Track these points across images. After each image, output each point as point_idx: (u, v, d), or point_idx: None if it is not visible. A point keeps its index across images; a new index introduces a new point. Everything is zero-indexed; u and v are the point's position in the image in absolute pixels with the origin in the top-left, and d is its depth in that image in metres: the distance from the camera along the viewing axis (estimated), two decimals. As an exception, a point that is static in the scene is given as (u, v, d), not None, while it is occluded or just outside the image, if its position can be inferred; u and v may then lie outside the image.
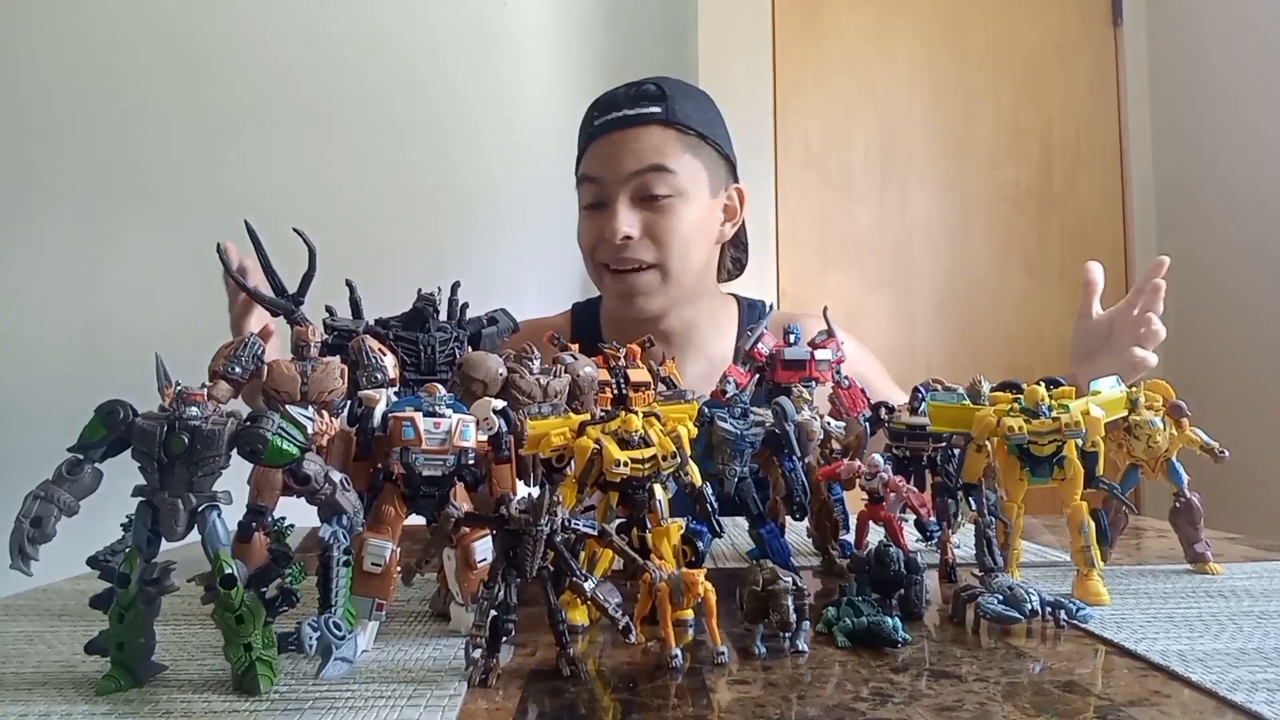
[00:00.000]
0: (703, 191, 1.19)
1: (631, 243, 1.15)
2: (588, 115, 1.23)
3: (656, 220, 1.15)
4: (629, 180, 1.14)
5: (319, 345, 0.61)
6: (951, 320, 2.34)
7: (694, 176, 1.17)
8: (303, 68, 2.31)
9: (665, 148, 1.15)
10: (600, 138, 1.18)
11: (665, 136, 1.16)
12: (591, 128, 1.20)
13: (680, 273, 1.18)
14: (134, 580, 0.47)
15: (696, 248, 1.19)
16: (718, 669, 0.49)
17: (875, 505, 0.72)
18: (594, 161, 1.18)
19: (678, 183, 1.15)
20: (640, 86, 1.19)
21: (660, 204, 1.15)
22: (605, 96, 1.21)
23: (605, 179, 1.16)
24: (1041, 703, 0.43)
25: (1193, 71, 2.24)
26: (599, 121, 1.18)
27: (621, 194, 1.15)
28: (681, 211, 1.16)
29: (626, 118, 1.16)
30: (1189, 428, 0.74)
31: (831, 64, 2.33)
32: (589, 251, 1.22)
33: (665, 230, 1.15)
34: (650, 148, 1.15)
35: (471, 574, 0.56)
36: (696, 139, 1.18)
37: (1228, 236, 2.13)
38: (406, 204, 2.32)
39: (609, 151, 1.16)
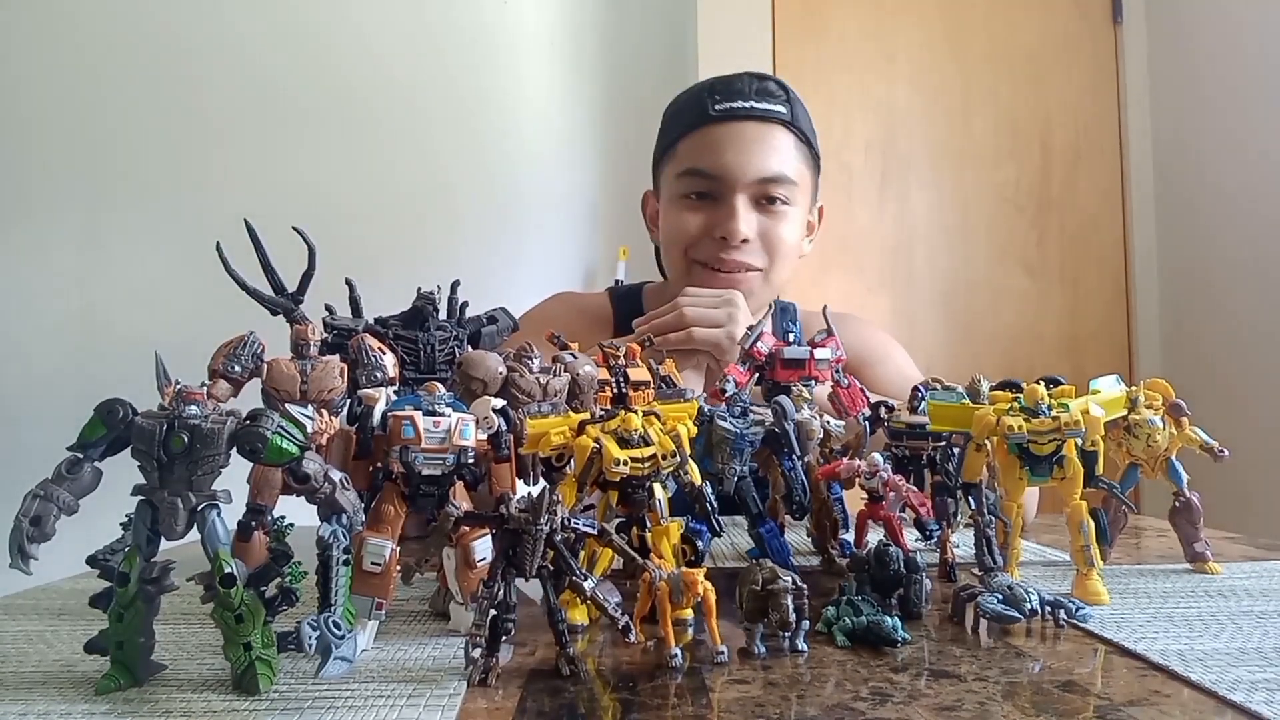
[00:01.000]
0: (806, 203, 1.17)
1: (747, 245, 1.11)
2: (699, 96, 1.14)
3: (771, 226, 1.12)
4: (755, 183, 1.10)
5: (318, 344, 0.61)
6: (951, 320, 2.34)
7: (804, 186, 1.15)
8: (302, 69, 2.31)
9: (788, 153, 1.12)
10: (720, 124, 1.11)
11: (790, 142, 1.13)
12: (711, 111, 1.11)
13: (778, 280, 1.15)
14: (133, 579, 0.47)
15: (792, 259, 1.17)
16: (717, 668, 0.49)
17: (875, 504, 0.72)
18: (712, 152, 1.11)
19: (795, 192, 1.13)
20: (762, 81, 1.13)
21: (776, 210, 1.12)
22: (721, 81, 1.14)
23: (727, 175, 1.10)
24: (1041, 702, 0.43)
25: (1193, 71, 2.24)
26: (720, 107, 1.11)
27: (744, 193, 1.10)
28: (792, 220, 1.13)
29: (753, 110, 1.11)
30: (1188, 427, 0.74)
31: (831, 64, 2.33)
32: (684, 244, 1.14)
33: (778, 238, 1.12)
34: (777, 150, 1.11)
35: (471, 573, 0.56)
36: (808, 149, 1.16)
37: (1227, 236, 2.13)
38: (406, 203, 2.33)
39: (730, 145, 1.10)
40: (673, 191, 1.16)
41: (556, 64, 2.42)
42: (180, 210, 2.22)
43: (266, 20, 2.31)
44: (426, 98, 2.35)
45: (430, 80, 2.36)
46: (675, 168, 1.16)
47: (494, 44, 2.39)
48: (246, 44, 2.29)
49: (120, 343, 1.99)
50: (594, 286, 2.36)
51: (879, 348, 1.22)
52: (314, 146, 2.30)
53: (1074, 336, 2.35)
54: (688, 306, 1.00)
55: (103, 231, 2.25)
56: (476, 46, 2.38)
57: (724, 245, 1.11)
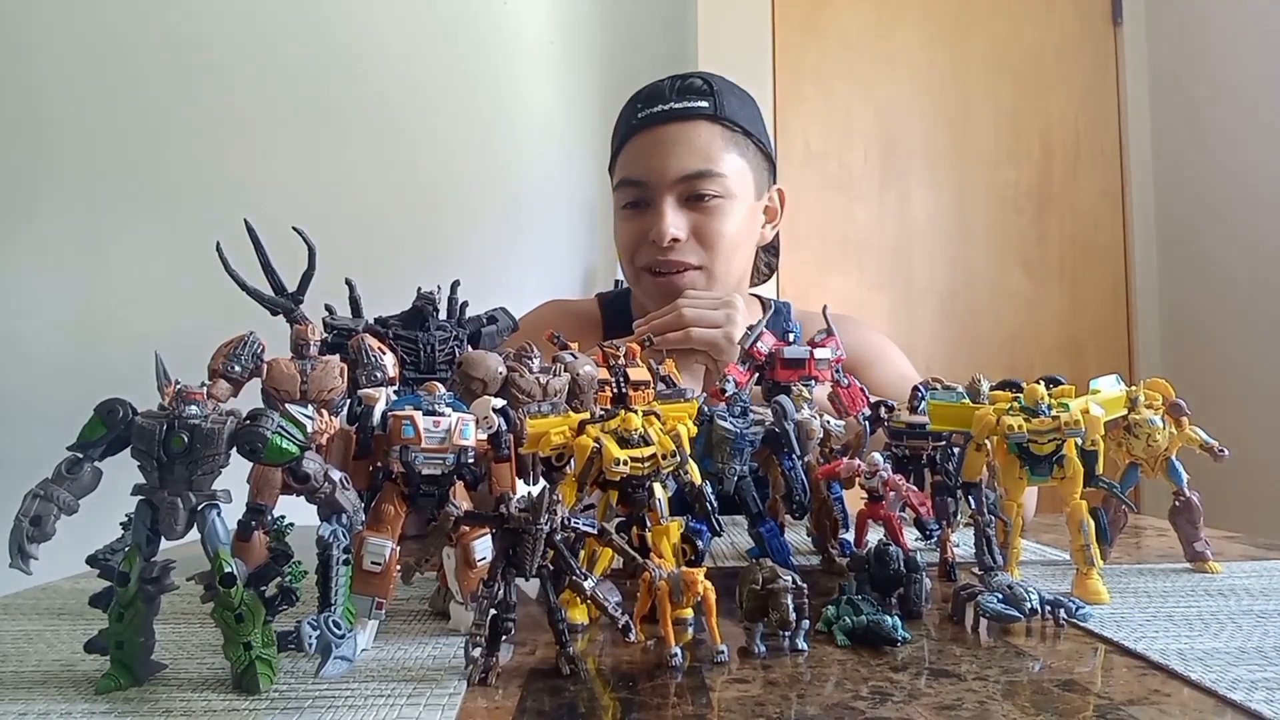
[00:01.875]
0: (748, 192, 1.16)
1: (678, 245, 1.11)
2: (628, 108, 1.17)
3: (704, 222, 1.11)
4: (677, 182, 1.10)
5: (318, 344, 0.61)
6: (951, 320, 2.34)
7: (740, 177, 1.14)
8: (303, 68, 2.31)
9: (713, 147, 1.11)
10: (644, 132, 1.12)
11: (713, 134, 1.12)
12: (634, 120, 1.13)
13: (725, 275, 1.14)
14: (133, 579, 0.47)
15: (741, 250, 1.16)
16: (717, 667, 0.49)
17: (875, 504, 0.72)
18: (638, 160, 1.13)
19: (725, 184, 1.11)
20: (685, 80, 1.14)
21: (708, 205, 1.11)
22: (647, 89, 1.16)
23: (650, 180, 1.11)
24: (1041, 701, 0.43)
25: (1193, 71, 2.24)
26: (643, 114, 1.13)
27: (668, 195, 1.10)
28: (728, 213, 1.12)
29: (673, 111, 1.11)
30: (1188, 426, 0.74)
31: (831, 64, 2.33)
32: (629, 254, 1.17)
33: (712, 232, 1.11)
34: (699, 148, 1.11)
35: (471, 573, 0.56)
36: (743, 137, 1.15)
37: (1227, 235, 2.13)
38: (406, 203, 2.33)
39: (654, 149, 1.11)
40: (616, 204, 1.19)
41: (556, 64, 2.42)
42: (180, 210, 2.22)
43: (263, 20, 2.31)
44: (425, 98, 2.35)
45: (429, 81, 2.36)
46: (615, 181, 1.19)
47: (493, 44, 2.39)
48: (243, 44, 2.30)
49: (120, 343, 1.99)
50: (593, 287, 2.36)
51: (876, 349, 1.22)
52: (312, 147, 2.30)
53: (1074, 336, 2.35)
54: (686, 307, 1.00)
55: (103, 231, 2.25)
56: (476, 47, 2.38)
57: (658, 248, 1.11)
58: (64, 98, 2.25)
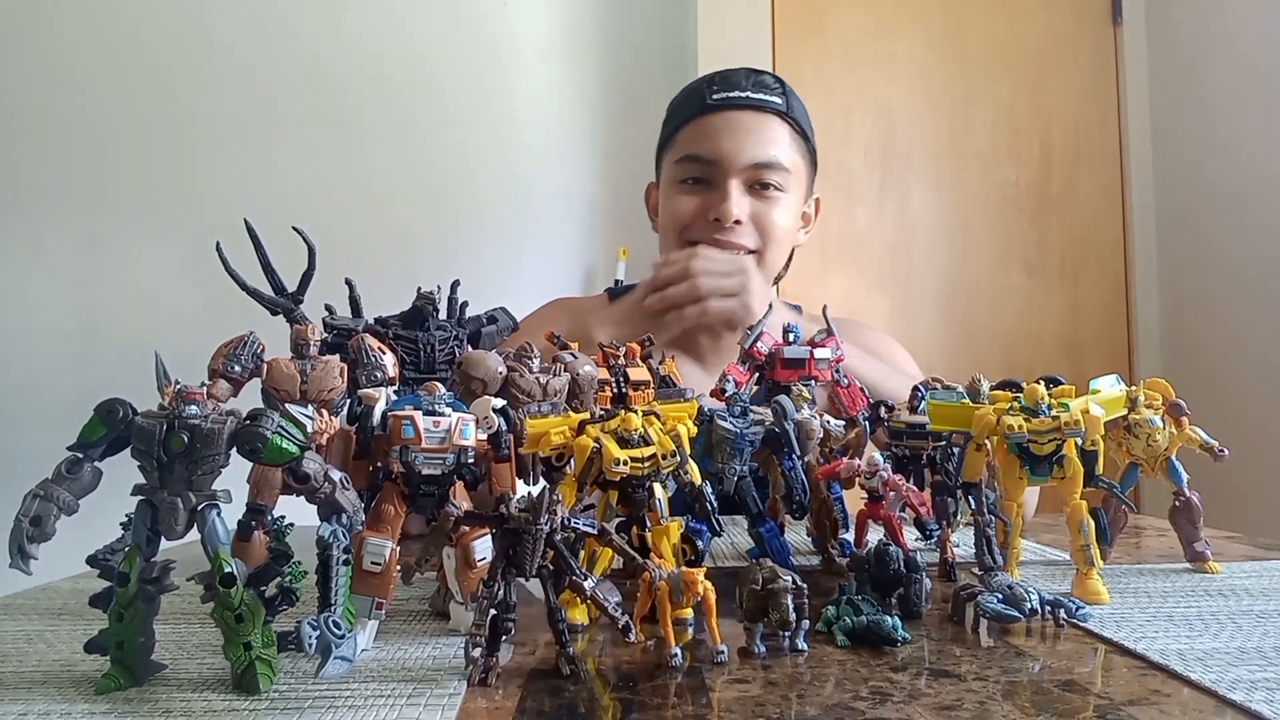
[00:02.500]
0: (800, 192, 1.20)
1: (739, 227, 1.13)
2: (699, 88, 1.19)
3: (764, 210, 1.14)
4: (748, 168, 1.13)
5: (318, 344, 0.61)
6: (951, 320, 2.34)
7: (798, 176, 1.18)
8: (303, 70, 2.31)
9: (782, 142, 1.15)
10: (714, 114, 1.15)
11: (783, 130, 1.16)
12: (709, 100, 1.16)
13: (772, 265, 1.18)
14: (133, 579, 0.47)
15: (786, 245, 1.20)
16: (717, 668, 0.49)
17: (875, 504, 0.72)
18: (708, 139, 1.15)
19: (788, 179, 1.16)
20: (759, 74, 1.18)
21: (769, 195, 1.15)
22: (720, 74, 1.19)
23: (722, 160, 1.13)
24: (1041, 702, 0.43)
25: (1192, 71, 2.24)
26: (718, 96, 1.15)
27: (737, 178, 1.13)
28: (785, 206, 1.16)
29: (750, 100, 1.14)
30: (1188, 426, 0.74)
31: (831, 64, 2.33)
32: (680, 227, 1.17)
33: (771, 222, 1.15)
34: (771, 138, 1.14)
35: (471, 573, 0.56)
36: (803, 140, 1.19)
37: (1227, 235, 2.13)
38: (406, 203, 2.33)
39: (726, 132, 1.14)
40: (670, 177, 1.20)
41: (556, 64, 2.42)
42: (180, 210, 2.22)
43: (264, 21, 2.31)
44: (426, 98, 2.35)
45: (429, 81, 2.36)
46: (674, 155, 1.20)
47: (493, 44, 2.39)
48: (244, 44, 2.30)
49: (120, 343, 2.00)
50: (594, 286, 2.36)
51: (883, 349, 1.23)
52: (313, 147, 2.30)
53: (1074, 336, 2.35)
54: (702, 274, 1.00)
55: (102, 232, 2.25)
56: (476, 47, 2.38)
57: (718, 227, 1.13)
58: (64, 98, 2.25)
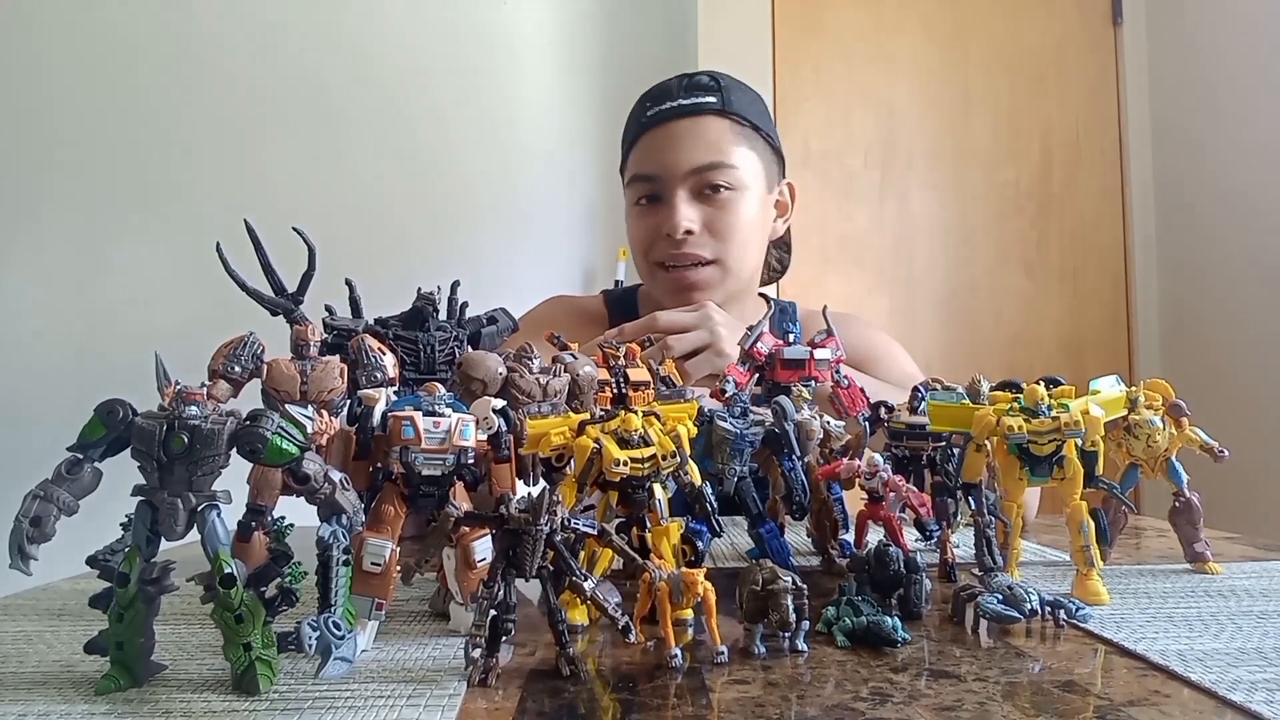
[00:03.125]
0: (759, 186, 1.17)
1: (691, 238, 1.11)
2: (637, 108, 1.19)
3: (716, 215, 1.12)
4: (689, 175, 1.11)
5: (318, 344, 0.61)
6: (951, 320, 2.34)
7: (751, 170, 1.15)
8: (303, 70, 2.31)
9: (723, 140, 1.13)
10: (653, 129, 1.14)
11: (722, 128, 1.13)
12: (644, 119, 1.16)
13: (739, 268, 1.16)
14: (133, 579, 0.47)
15: (754, 243, 1.18)
16: (717, 668, 0.49)
17: (874, 505, 0.72)
18: (649, 156, 1.14)
19: (737, 176, 1.13)
20: (692, 77, 1.16)
21: (720, 198, 1.12)
22: (655, 88, 1.18)
23: (662, 174, 1.13)
24: (1041, 702, 0.43)
25: (1193, 71, 2.24)
26: (652, 112, 1.15)
27: (680, 188, 1.12)
28: (741, 205, 1.14)
29: (681, 108, 1.13)
30: (1188, 427, 0.74)
31: (831, 64, 2.33)
32: (642, 249, 1.17)
33: (725, 225, 1.13)
34: (709, 141, 1.12)
35: (471, 573, 0.56)
36: (751, 131, 1.16)
37: (1227, 236, 2.13)
38: (406, 203, 2.33)
39: (665, 144, 1.13)
40: (628, 200, 1.20)
41: (556, 64, 2.42)
42: (180, 211, 2.22)
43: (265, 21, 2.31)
44: (425, 99, 2.35)
45: (429, 81, 2.36)
46: (627, 178, 1.20)
47: (493, 44, 2.39)
48: (244, 45, 2.30)
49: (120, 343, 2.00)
50: (593, 287, 2.36)
51: (881, 347, 1.23)
52: (313, 147, 2.30)
53: (1074, 337, 2.35)
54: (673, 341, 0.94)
55: (103, 232, 2.25)
56: (475, 47, 2.38)
57: (671, 241, 1.12)
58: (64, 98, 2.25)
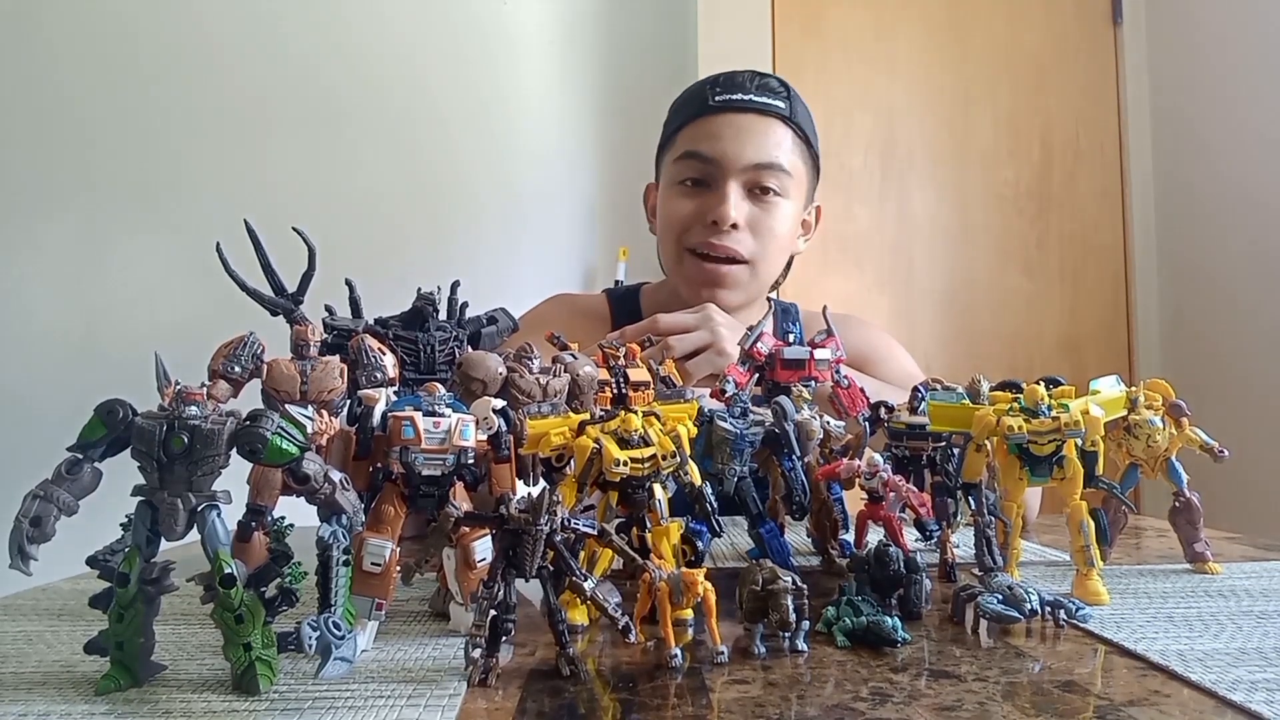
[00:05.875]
0: (800, 199, 1.18)
1: (735, 231, 1.11)
2: (701, 89, 1.17)
3: (761, 216, 1.13)
4: (746, 169, 1.11)
5: (318, 344, 0.61)
6: (951, 320, 2.34)
7: (798, 182, 1.16)
8: (304, 69, 2.31)
9: (784, 145, 1.14)
10: (718, 115, 1.13)
11: (785, 134, 1.14)
12: (711, 101, 1.14)
13: (766, 273, 1.16)
14: (133, 580, 0.47)
15: (782, 253, 1.18)
16: (717, 668, 0.49)
17: (874, 505, 0.71)
18: (709, 139, 1.13)
19: (788, 184, 1.14)
20: (763, 77, 1.16)
21: (768, 199, 1.13)
22: (724, 76, 1.17)
23: (722, 160, 1.11)
24: (1041, 702, 0.43)
25: (1193, 71, 2.24)
26: (721, 98, 1.13)
27: (736, 180, 1.11)
28: (783, 212, 1.14)
29: (752, 103, 1.13)
30: (1188, 427, 0.74)
31: (831, 65, 2.33)
32: (677, 231, 1.16)
33: (767, 228, 1.13)
34: (773, 141, 1.13)
35: (471, 573, 0.56)
36: (806, 147, 1.17)
37: (1227, 236, 2.13)
38: (406, 203, 2.33)
39: (728, 132, 1.12)
40: (670, 177, 1.18)
41: (556, 64, 2.42)
42: (180, 210, 2.22)
43: (265, 21, 2.31)
44: (426, 98, 2.35)
45: (430, 81, 2.36)
46: (673, 154, 1.18)
47: (493, 44, 2.39)
48: (245, 45, 2.30)
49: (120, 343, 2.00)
50: (593, 287, 2.36)
51: (882, 347, 1.23)
52: (313, 147, 2.30)
53: (1074, 336, 2.35)
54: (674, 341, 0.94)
55: (103, 232, 2.25)
56: (475, 47, 2.38)
57: (715, 230, 1.11)
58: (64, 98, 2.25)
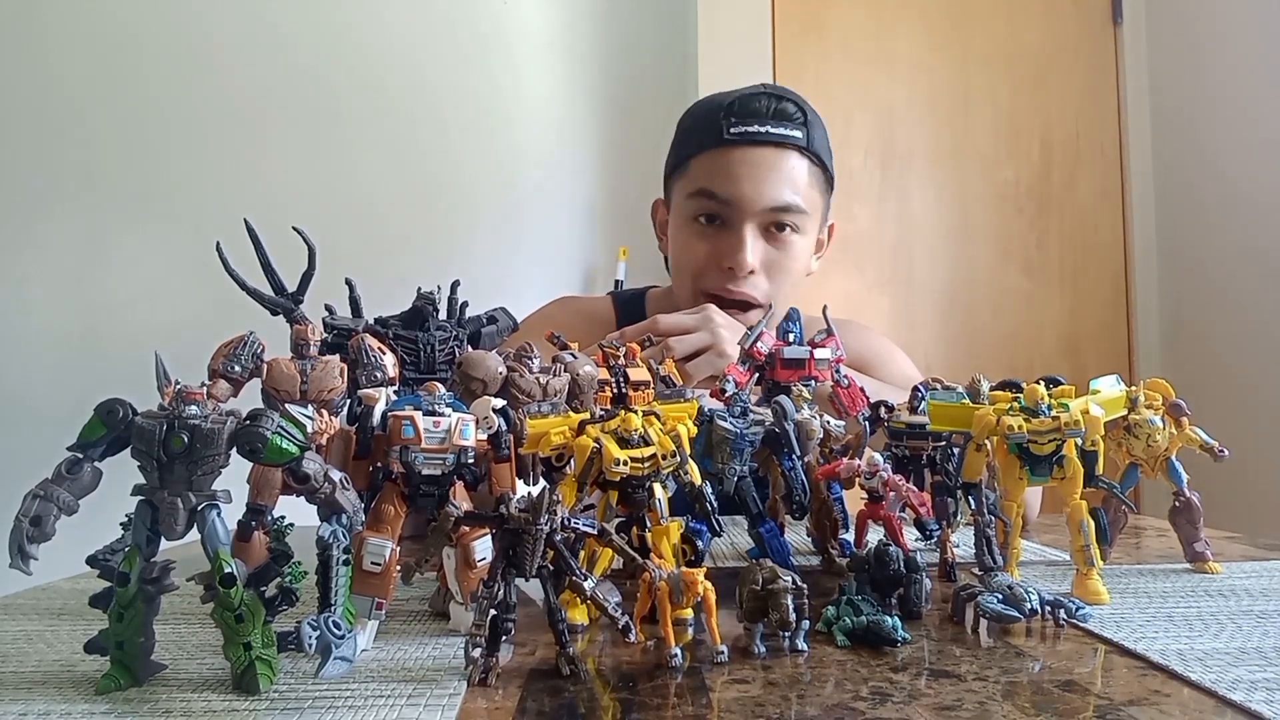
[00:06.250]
0: (815, 226, 1.16)
1: (752, 277, 1.09)
2: (714, 116, 1.11)
3: (777, 257, 1.10)
4: (765, 211, 1.08)
5: (318, 344, 0.61)
6: (951, 320, 2.34)
7: (814, 213, 1.13)
8: (304, 69, 2.31)
9: (802, 181, 1.10)
10: (734, 149, 1.08)
11: (803, 168, 1.10)
12: (727, 134, 1.09)
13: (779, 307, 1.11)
14: (133, 579, 0.47)
15: (797, 286, 1.15)
16: (717, 668, 0.49)
17: (875, 504, 0.71)
18: (726, 178, 1.08)
19: (804, 221, 1.11)
20: (780, 102, 1.10)
21: (783, 237, 1.10)
22: (738, 102, 1.10)
23: (739, 203, 1.08)
24: (1041, 702, 0.43)
25: (1193, 71, 2.24)
26: (736, 131, 1.08)
27: (753, 221, 1.08)
28: (799, 249, 1.12)
29: (770, 136, 1.08)
30: (1188, 427, 0.74)
31: (831, 65, 2.33)
32: (692, 273, 1.13)
33: (782, 269, 1.11)
34: (792, 180, 1.09)
35: (471, 573, 0.56)
36: (823, 173, 1.14)
37: (1227, 236, 2.13)
38: (406, 203, 2.33)
39: (746, 172, 1.08)
40: (683, 211, 1.15)
41: (556, 64, 2.42)
42: (180, 210, 2.22)
43: (265, 21, 2.31)
44: (426, 98, 2.35)
45: (430, 81, 2.36)
46: (687, 186, 1.13)
47: (494, 44, 2.39)
48: (245, 44, 2.30)
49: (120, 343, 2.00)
50: (593, 287, 2.36)
51: (882, 351, 1.23)
52: (313, 147, 2.30)
53: (1074, 336, 2.35)
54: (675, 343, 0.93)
55: (102, 232, 2.25)
56: (476, 47, 2.38)
57: (731, 276, 1.09)
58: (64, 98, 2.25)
